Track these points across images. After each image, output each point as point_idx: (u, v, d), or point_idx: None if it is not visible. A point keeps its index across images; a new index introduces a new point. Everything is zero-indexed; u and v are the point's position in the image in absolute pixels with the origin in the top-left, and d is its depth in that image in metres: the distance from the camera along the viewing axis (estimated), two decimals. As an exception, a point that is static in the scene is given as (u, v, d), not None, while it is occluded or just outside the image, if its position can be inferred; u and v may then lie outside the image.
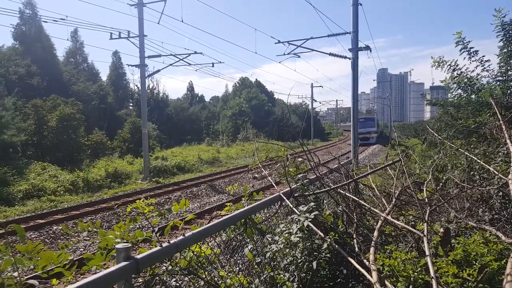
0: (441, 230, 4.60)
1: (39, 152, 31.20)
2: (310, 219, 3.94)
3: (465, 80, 10.62)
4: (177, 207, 3.19)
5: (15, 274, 2.12)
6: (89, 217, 15.79)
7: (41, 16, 50.69)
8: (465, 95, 11.09)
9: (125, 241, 2.79)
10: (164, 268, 2.91)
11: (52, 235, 13.44)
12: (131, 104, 69.56)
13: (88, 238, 12.25)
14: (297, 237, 3.89)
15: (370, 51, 22.73)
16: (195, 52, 28.58)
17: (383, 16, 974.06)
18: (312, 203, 4.37)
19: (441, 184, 6.97)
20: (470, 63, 10.45)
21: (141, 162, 29.67)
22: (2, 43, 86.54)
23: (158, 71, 38.55)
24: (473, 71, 10.57)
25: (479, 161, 6.17)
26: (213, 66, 31.29)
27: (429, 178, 6.50)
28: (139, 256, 2.47)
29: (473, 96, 10.77)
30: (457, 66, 10.79)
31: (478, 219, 5.27)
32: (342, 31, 22.41)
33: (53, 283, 2.41)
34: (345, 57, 22.96)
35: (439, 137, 8.72)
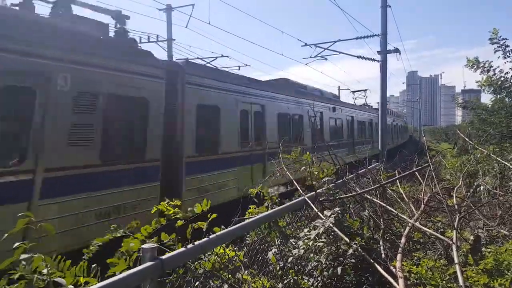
0: (471, 237, 4.48)
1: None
2: (334, 224, 3.90)
3: (499, 82, 10.21)
4: (200, 208, 3.22)
5: (44, 271, 2.19)
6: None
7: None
8: (498, 98, 10.68)
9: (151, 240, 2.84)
10: (189, 269, 2.95)
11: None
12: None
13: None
14: (321, 242, 3.86)
15: (399, 53, 22.28)
16: (222, 56, 28.85)
17: (415, 18, 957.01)
18: (337, 208, 4.33)
19: (471, 190, 6.76)
20: (505, 63, 9.99)
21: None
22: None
23: (185, 74, 39.13)
24: (507, 72, 10.12)
25: (512, 167, 5.97)
26: (239, 69, 31.43)
27: (460, 184, 6.33)
28: (164, 257, 2.52)
29: (507, 100, 10.36)
30: (491, 67, 10.37)
31: (511, 227, 5.08)
32: (370, 34, 22.10)
33: (81, 280, 2.48)
34: (374, 60, 22.58)
35: (470, 142, 8.48)
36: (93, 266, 2.55)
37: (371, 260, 3.70)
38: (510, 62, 9.76)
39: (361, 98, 31.52)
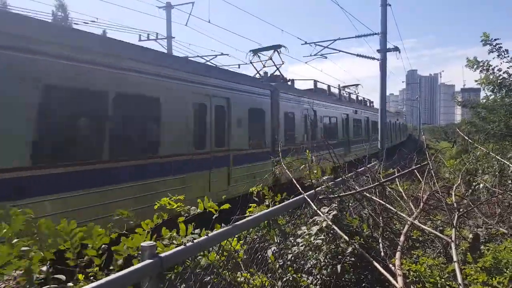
0: (470, 236, 4.48)
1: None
2: (331, 219, 3.91)
3: (498, 81, 10.24)
4: (202, 206, 3.23)
5: (44, 268, 2.19)
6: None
7: (73, 18, 52.14)
8: (498, 97, 10.71)
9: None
10: (188, 266, 2.95)
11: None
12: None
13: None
14: (319, 239, 3.86)
15: (399, 52, 22.25)
16: (222, 54, 28.76)
17: (415, 17, 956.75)
18: (334, 204, 4.33)
19: (471, 188, 6.77)
20: (501, 63, 10.07)
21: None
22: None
23: (185, 72, 38.96)
24: (505, 71, 10.17)
25: (511, 165, 5.97)
26: (239, 67, 31.35)
27: (459, 182, 6.33)
28: (163, 255, 2.51)
29: (506, 99, 10.39)
30: (489, 66, 10.42)
31: (509, 225, 5.09)
32: (370, 32, 22.07)
33: (80, 278, 2.48)
34: (373, 58, 22.53)
35: (470, 140, 8.48)
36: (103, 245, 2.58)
37: (370, 258, 3.71)
38: (507, 62, 9.86)
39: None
